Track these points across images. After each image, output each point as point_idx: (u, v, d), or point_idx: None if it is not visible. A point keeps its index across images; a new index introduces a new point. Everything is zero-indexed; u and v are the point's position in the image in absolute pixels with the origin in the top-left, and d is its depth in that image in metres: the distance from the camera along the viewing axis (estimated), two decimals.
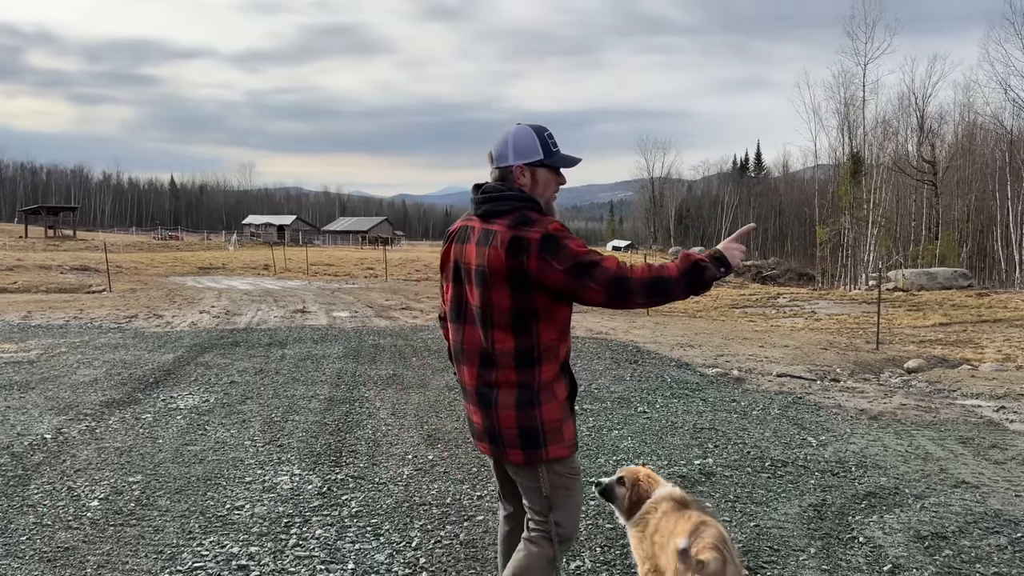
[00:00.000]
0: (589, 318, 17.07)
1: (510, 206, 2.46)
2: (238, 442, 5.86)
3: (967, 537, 4.14)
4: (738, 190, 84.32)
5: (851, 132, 52.41)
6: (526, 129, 2.55)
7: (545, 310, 2.44)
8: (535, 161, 2.52)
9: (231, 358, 9.74)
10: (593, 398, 7.62)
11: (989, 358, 12.93)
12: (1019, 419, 7.47)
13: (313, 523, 4.23)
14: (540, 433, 2.47)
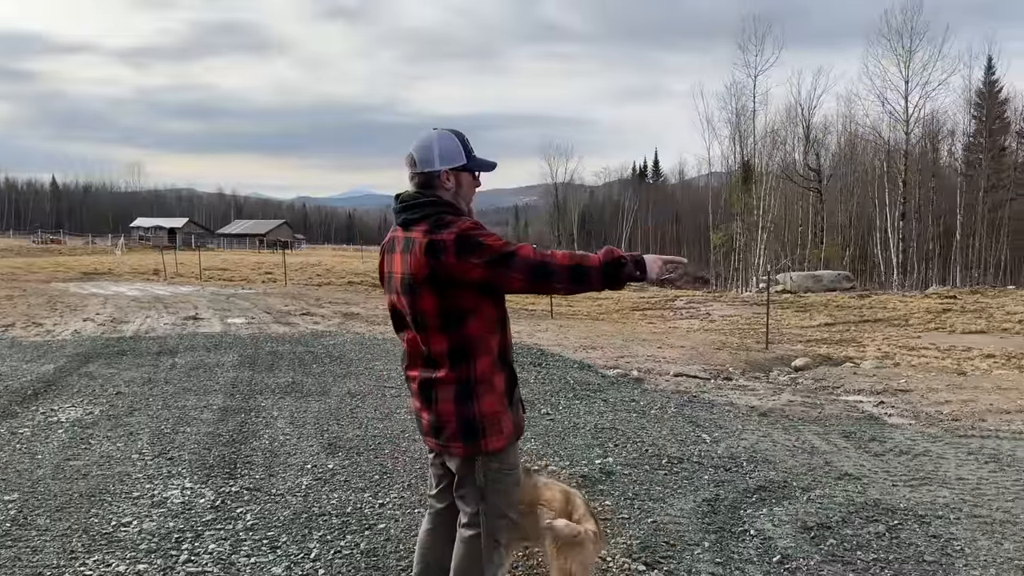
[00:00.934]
0: None
1: (426, 212, 2.55)
2: (125, 456, 5.56)
3: (849, 526, 4.37)
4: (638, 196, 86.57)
5: (742, 141, 54.79)
6: (448, 134, 2.63)
7: (472, 308, 2.53)
8: (459, 166, 2.61)
9: (117, 368, 9.25)
10: None
11: (870, 356, 13.74)
12: (897, 413, 7.96)
13: (206, 538, 4.06)
14: (478, 425, 2.56)
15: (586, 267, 2.45)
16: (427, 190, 2.61)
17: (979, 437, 6.73)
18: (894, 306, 24.30)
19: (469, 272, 2.45)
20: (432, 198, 2.58)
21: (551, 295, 3.05)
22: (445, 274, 2.47)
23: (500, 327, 2.63)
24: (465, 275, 2.46)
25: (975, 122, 52.02)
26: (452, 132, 2.65)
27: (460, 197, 2.63)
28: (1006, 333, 18.09)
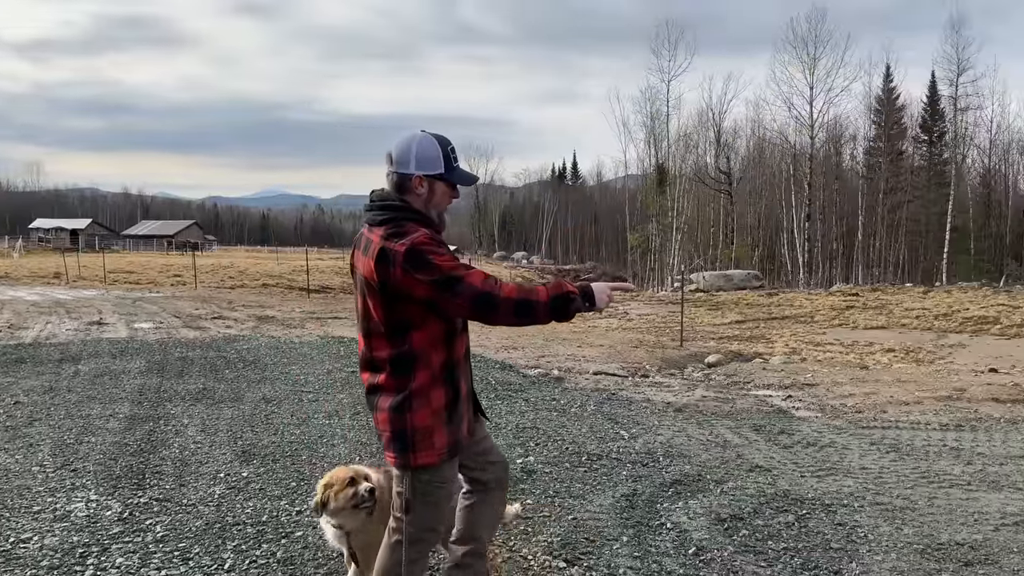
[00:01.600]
0: None
1: (388, 216, 2.51)
2: (24, 468, 5.26)
3: (761, 517, 4.53)
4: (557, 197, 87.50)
5: (657, 144, 56.13)
6: (431, 140, 2.56)
7: (417, 321, 2.48)
8: (436, 174, 2.55)
9: (16, 376, 8.74)
10: None
11: (778, 352, 14.28)
12: (803, 406, 8.30)
13: (113, 551, 3.88)
14: (409, 438, 2.53)
15: (532, 301, 2.44)
16: (399, 192, 2.56)
17: (880, 428, 7.08)
18: (800, 304, 25.32)
19: (414, 288, 2.41)
20: (400, 203, 2.54)
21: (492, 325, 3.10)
22: (392, 285, 2.44)
23: (446, 343, 2.57)
24: (410, 290, 2.42)
25: (875, 127, 54.74)
26: (436, 138, 2.58)
27: (431, 205, 2.58)
28: (904, 328, 19.10)
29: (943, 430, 6.97)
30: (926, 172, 53.37)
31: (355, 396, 7.82)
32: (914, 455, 6.03)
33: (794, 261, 49.51)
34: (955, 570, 3.77)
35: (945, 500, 4.87)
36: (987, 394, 8.92)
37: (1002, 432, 6.89)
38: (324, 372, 9.25)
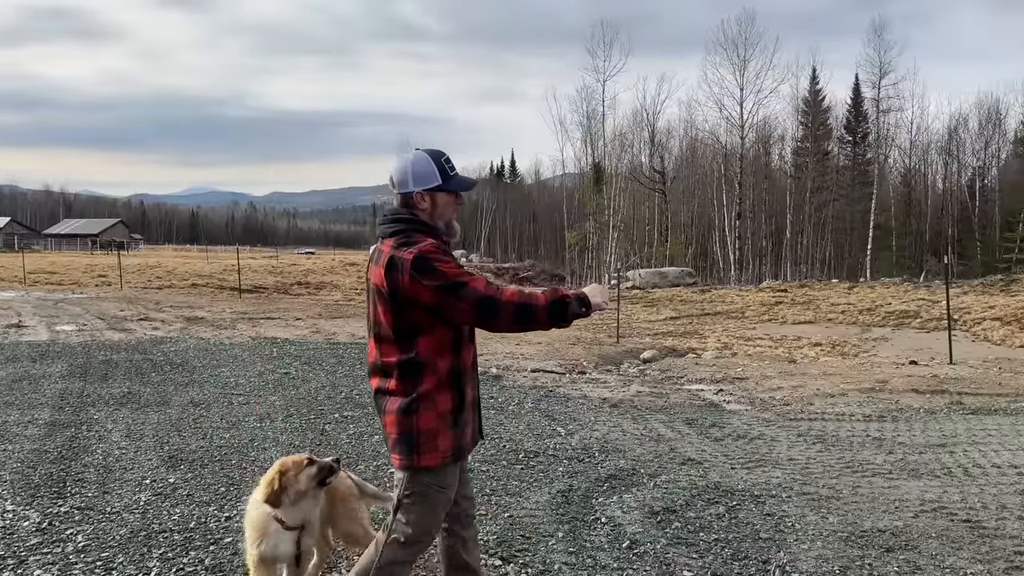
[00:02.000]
0: (351, 323, 16.77)
1: (397, 228, 2.66)
2: None
3: (692, 509, 4.61)
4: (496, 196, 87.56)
5: (593, 144, 56.65)
6: (424, 156, 2.72)
7: (424, 327, 2.59)
8: (434, 187, 2.69)
9: None
10: (355, 404, 7.48)
11: (711, 347, 14.59)
12: (734, 400, 8.49)
13: (31, 563, 3.71)
14: (415, 440, 2.61)
15: (532, 306, 2.53)
16: (406, 209, 2.70)
17: (807, 420, 7.30)
18: (732, 300, 25.92)
19: (420, 294, 2.52)
20: (408, 216, 2.69)
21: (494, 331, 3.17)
22: (400, 292, 2.55)
23: (453, 350, 2.66)
24: (417, 296, 2.53)
25: (802, 128, 56.41)
26: (429, 154, 2.73)
27: (437, 216, 2.72)
28: (831, 323, 19.76)
29: (866, 421, 7.23)
30: (850, 172, 55.27)
31: (288, 398, 7.67)
32: (839, 445, 6.23)
33: (726, 258, 50.68)
34: (877, 556, 3.91)
35: (868, 489, 5.05)
36: (907, 385, 9.29)
37: (921, 422, 7.18)
38: (256, 374, 9.04)
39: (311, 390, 8.11)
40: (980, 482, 5.17)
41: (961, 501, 4.75)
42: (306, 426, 6.58)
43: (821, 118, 55.41)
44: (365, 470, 5.33)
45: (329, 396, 7.80)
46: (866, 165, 53.71)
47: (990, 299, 21.78)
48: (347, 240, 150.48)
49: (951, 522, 4.38)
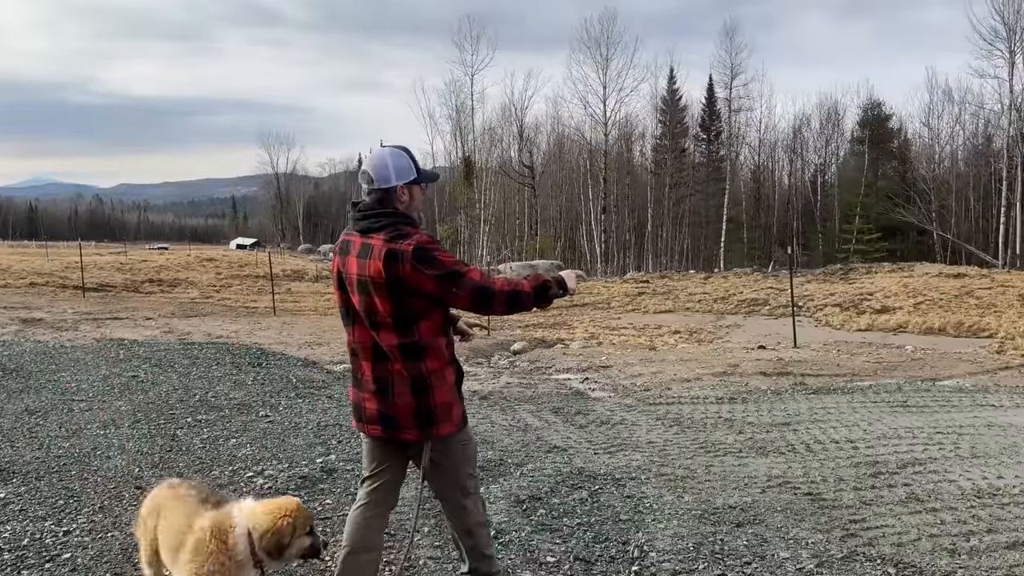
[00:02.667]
0: (208, 322, 15.99)
1: (385, 222, 2.81)
2: None
3: (557, 495, 4.69)
4: None
5: (463, 137, 56.65)
6: (400, 152, 2.92)
7: (424, 312, 2.80)
8: (411, 180, 2.89)
9: None
10: (209, 407, 7.11)
11: (578, 337, 14.96)
12: (599, 387, 8.73)
13: None
14: (433, 414, 2.86)
15: (519, 292, 2.80)
16: (384, 205, 2.85)
17: (665, 404, 7.60)
18: (598, 291, 26.70)
19: (422, 283, 2.72)
20: (391, 210, 2.84)
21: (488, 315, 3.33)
22: (402, 281, 2.72)
23: (445, 329, 2.92)
24: (419, 285, 2.72)
25: (661, 126, 58.80)
26: (402, 149, 2.94)
27: (412, 208, 2.91)
28: (688, 311, 20.74)
29: (719, 403, 7.62)
30: (705, 168, 58.15)
31: (135, 403, 7.19)
32: (694, 427, 6.53)
33: (592, 251, 52.17)
34: (728, 531, 4.11)
35: (720, 467, 5.31)
36: (756, 369, 9.87)
37: (768, 402, 7.65)
38: (100, 378, 8.42)
39: (161, 394, 7.64)
40: (820, 457, 5.55)
41: (803, 475, 5.08)
42: (155, 432, 6.18)
43: (678, 116, 57.93)
44: (220, 475, 5.07)
45: (182, 399, 7.38)
46: (719, 162, 56.68)
47: (831, 287, 23.56)
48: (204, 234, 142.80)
49: (795, 495, 4.68)
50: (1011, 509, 4.37)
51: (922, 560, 3.71)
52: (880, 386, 8.49)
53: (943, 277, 23.83)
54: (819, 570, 3.61)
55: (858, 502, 4.53)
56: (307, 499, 4.63)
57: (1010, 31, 42.36)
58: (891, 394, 7.96)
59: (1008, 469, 5.14)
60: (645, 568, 3.67)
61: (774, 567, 3.66)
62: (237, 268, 35.87)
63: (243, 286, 29.37)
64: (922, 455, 5.51)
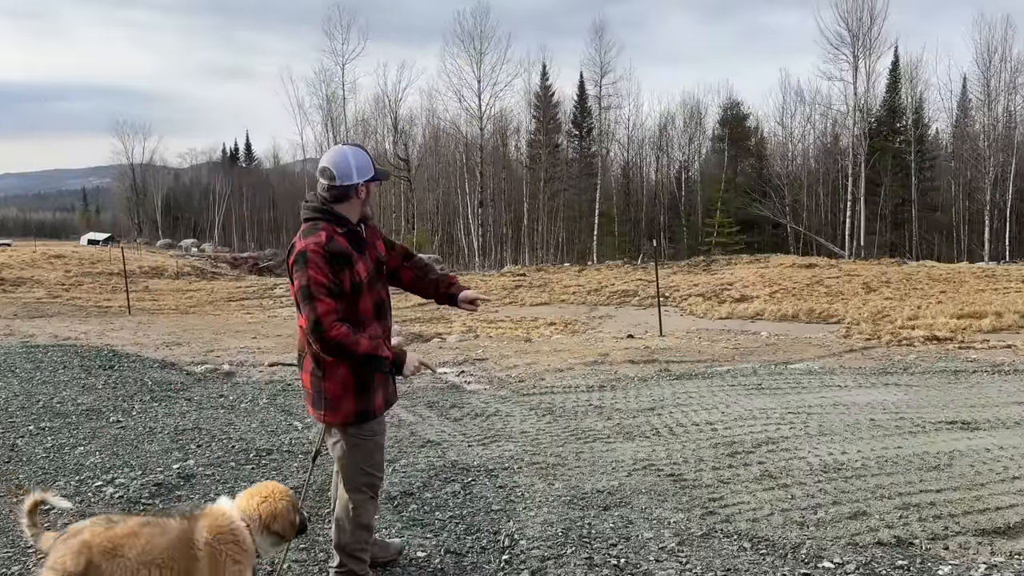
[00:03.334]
0: (55, 322, 14.86)
1: (309, 215, 3.06)
2: None
3: (429, 490, 4.65)
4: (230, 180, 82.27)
5: (335, 128, 55.44)
6: (360, 150, 3.09)
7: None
8: (370, 178, 3.07)
9: None
10: (54, 414, 6.58)
11: (456, 331, 14.94)
12: (475, 380, 8.74)
13: None
14: (323, 400, 3.06)
15: (350, 351, 2.90)
16: (339, 202, 3.03)
17: (539, 394, 7.71)
18: (476, 284, 26.80)
19: (293, 280, 2.98)
20: (319, 206, 3.05)
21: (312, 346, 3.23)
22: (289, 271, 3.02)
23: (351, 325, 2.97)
24: (290, 279, 3.02)
25: (535, 121, 59.68)
26: (360, 147, 3.11)
27: (367, 203, 3.12)
28: (563, 303, 21.17)
29: (589, 391, 7.80)
30: (578, 163, 59.51)
31: None
32: (566, 416, 6.65)
33: (470, 245, 52.35)
34: (596, 515, 4.21)
35: (590, 453, 5.43)
36: (625, 357, 10.19)
37: (635, 389, 7.90)
38: None
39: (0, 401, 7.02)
40: (682, 439, 5.79)
41: (667, 458, 5.28)
42: None
43: (552, 112, 58.96)
44: (66, 486, 4.71)
45: (23, 406, 6.80)
46: (591, 158, 58.17)
47: (695, 278, 24.69)
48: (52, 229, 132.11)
49: (658, 477, 4.85)
50: (853, 482, 4.70)
51: (774, 534, 3.93)
52: (737, 370, 8.96)
53: (796, 268, 25.50)
54: (680, 548, 3.76)
55: (717, 481, 4.75)
56: (162, 507, 4.37)
57: (854, 37, 45.88)
58: (747, 377, 8.41)
59: (851, 445, 5.54)
60: (515, 556, 3.69)
61: (638, 547, 3.78)
62: (89, 265, 33.54)
63: (95, 284, 27.51)
64: (775, 434, 5.85)
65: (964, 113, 51.82)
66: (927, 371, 8.84)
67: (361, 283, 3.04)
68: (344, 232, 3.04)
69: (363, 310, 3.07)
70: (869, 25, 45.66)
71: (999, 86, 45.79)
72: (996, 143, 44.60)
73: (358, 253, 3.06)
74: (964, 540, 3.83)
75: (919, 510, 4.22)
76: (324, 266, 2.91)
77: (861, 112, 46.78)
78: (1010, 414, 6.47)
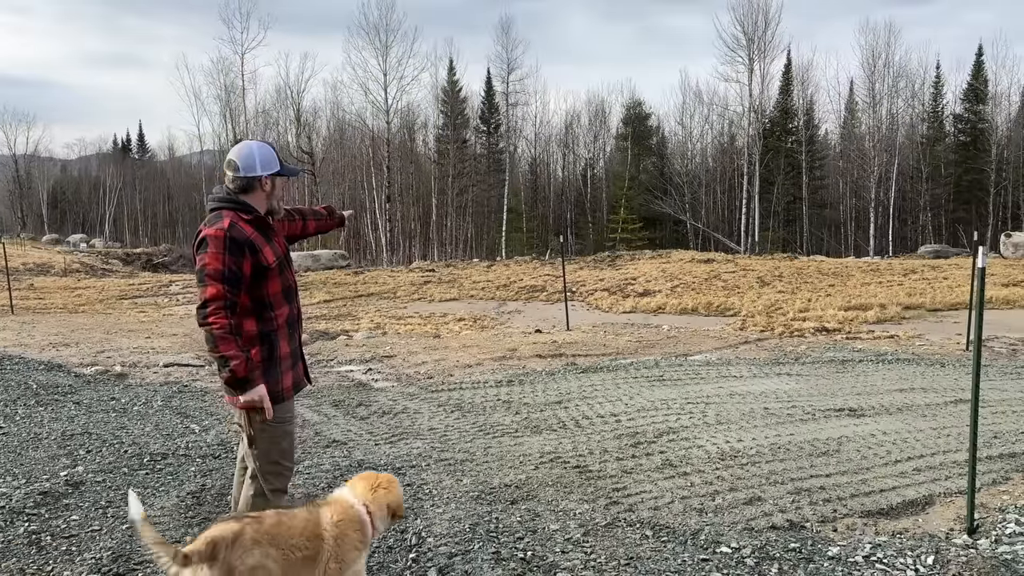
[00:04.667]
0: None
1: (213, 205, 3.16)
2: None
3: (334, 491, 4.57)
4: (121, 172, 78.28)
5: (234, 119, 53.57)
6: (266, 146, 3.27)
7: None
8: (275, 172, 3.22)
9: None
10: None
11: (363, 328, 14.70)
12: (382, 377, 8.65)
13: None
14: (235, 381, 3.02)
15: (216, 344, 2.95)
16: (244, 193, 3.16)
17: (447, 390, 7.69)
18: (384, 280, 26.48)
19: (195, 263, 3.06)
20: (228, 196, 3.15)
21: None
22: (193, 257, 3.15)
23: (256, 313, 3.12)
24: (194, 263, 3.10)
25: (443, 116, 59.39)
26: (267, 144, 3.28)
27: (272, 197, 3.24)
28: (473, 299, 21.16)
29: (498, 386, 7.84)
30: (486, 159, 59.63)
31: None
32: (474, 411, 6.67)
33: (378, 240, 51.65)
34: (503, 509, 4.24)
35: (498, 448, 5.47)
36: (533, 352, 10.29)
37: (543, 383, 8.00)
38: None
39: None
40: (588, 431, 5.90)
41: (573, 450, 5.37)
42: None
43: (459, 108, 58.78)
44: None
45: None
46: (499, 154, 58.38)
47: (600, 273, 25.16)
48: None
49: (564, 469, 4.93)
50: (749, 468, 4.91)
51: (675, 520, 4.06)
52: (640, 363, 9.20)
53: (695, 263, 26.36)
54: (585, 539, 3.83)
55: (620, 471, 4.87)
56: (48, 517, 4.13)
57: (749, 40, 47.71)
58: (649, 369, 8.65)
59: (747, 433, 5.78)
60: (422, 554, 3.68)
61: (544, 539, 3.83)
62: None
63: None
64: (675, 424, 6.04)
65: (851, 115, 54.74)
66: (817, 361, 9.31)
67: (269, 267, 3.14)
68: (250, 219, 3.14)
69: (272, 292, 3.17)
70: (764, 28, 47.63)
71: (883, 89, 48.61)
72: (880, 144, 47.30)
73: (264, 239, 3.16)
74: (851, 521, 4.07)
75: (810, 494, 4.44)
76: (221, 252, 2.99)
77: (756, 113, 48.74)
78: (893, 401, 6.90)
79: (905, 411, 6.50)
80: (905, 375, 8.23)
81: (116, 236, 71.30)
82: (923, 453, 5.24)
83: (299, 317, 3.40)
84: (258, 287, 3.12)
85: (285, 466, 3.30)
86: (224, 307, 2.97)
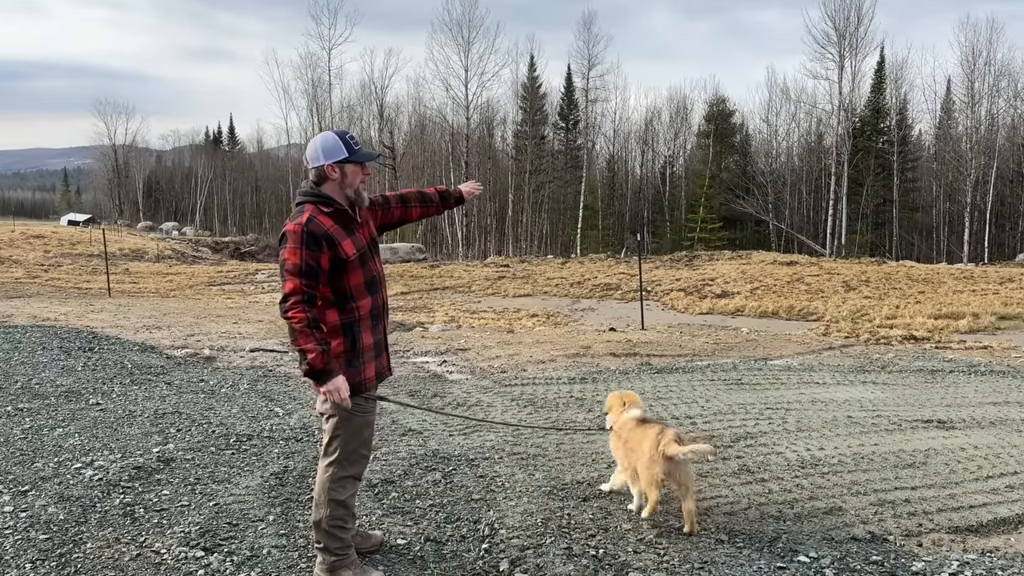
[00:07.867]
0: (34, 303, 14.69)
1: (298, 199, 3.22)
2: None
3: (411, 478, 4.66)
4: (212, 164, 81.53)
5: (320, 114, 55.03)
6: (330, 134, 3.26)
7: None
8: (342, 159, 3.20)
9: None
10: (32, 395, 6.54)
11: (438, 320, 14.94)
12: (457, 370, 8.75)
13: None
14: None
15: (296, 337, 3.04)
16: (319, 184, 3.22)
17: (520, 385, 7.73)
18: (459, 275, 26.78)
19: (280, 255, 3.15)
20: (308, 190, 3.22)
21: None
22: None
23: (338, 304, 3.20)
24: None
25: (521, 112, 59.59)
26: (335, 132, 3.27)
27: (346, 185, 3.23)
28: (546, 295, 21.19)
29: (571, 383, 7.83)
30: (564, 156, 59.55)
31: None
32: (547, 407, 6.68)
33: (454, 235, 52.24)
34: (575, 506, 4.24)
35: (570, 445, 5.46)
36: (607, 350, 10.23)
37: (616, 382, 7.94)
38: None
39: None
40: None
41: None
42: None
43: (538, 104, 58.89)
44: (44, 467, 4.68)
45: (1, 387, 6.74)
46: (577, 150, 58.20)
47: (677, 272, 24.80)
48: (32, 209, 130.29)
49: None
50: (830, 478, 4.77)
51: (751, 527, 3.98)
52: (717, 365, 9.03)
53: (777, 264, 25.68)
54: (658, 540, 3.80)
55: (696, 474, 4.79)
56: (141, 490, 4.36)
57: (840, 36, 46.14)
58: (727, 372, 8.48)
59: (828, 441, 5.61)
60: (495, 545, 3.72)
61: (617, 538, 3.81)
62: (69, 246, 33.17)
63: (75, 265, 27.21)
64: (753, 429, 5.91)
65: (947, 115, 52.32)
66: (904, 370, 8.95)
67: (348, 259, 3.17)
68: (330, 212, 3.19)
69: (353, 284, 3.22)
70: (856, 24, 45.99)
71: (983, 89, 46.29)
72: (978, 146, 45.06)
73: (344, 231, 3.19)
74: (938, 537, 3.91)
75: (894, 507, 4.29)
76: (299, 247, 3.06)
77: (846, 111, 47.11)
78: (985, 414, 6.58)
79: (998, 425, 6.19)
80: (999, 388, 7.83)
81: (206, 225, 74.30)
82: (1017, 470, 4.98)
83: (385, 308, 3.44)
84: (339, 279, 3.17)
85: (363, 454, 3.35)
86: (302, 301, 3.04)
